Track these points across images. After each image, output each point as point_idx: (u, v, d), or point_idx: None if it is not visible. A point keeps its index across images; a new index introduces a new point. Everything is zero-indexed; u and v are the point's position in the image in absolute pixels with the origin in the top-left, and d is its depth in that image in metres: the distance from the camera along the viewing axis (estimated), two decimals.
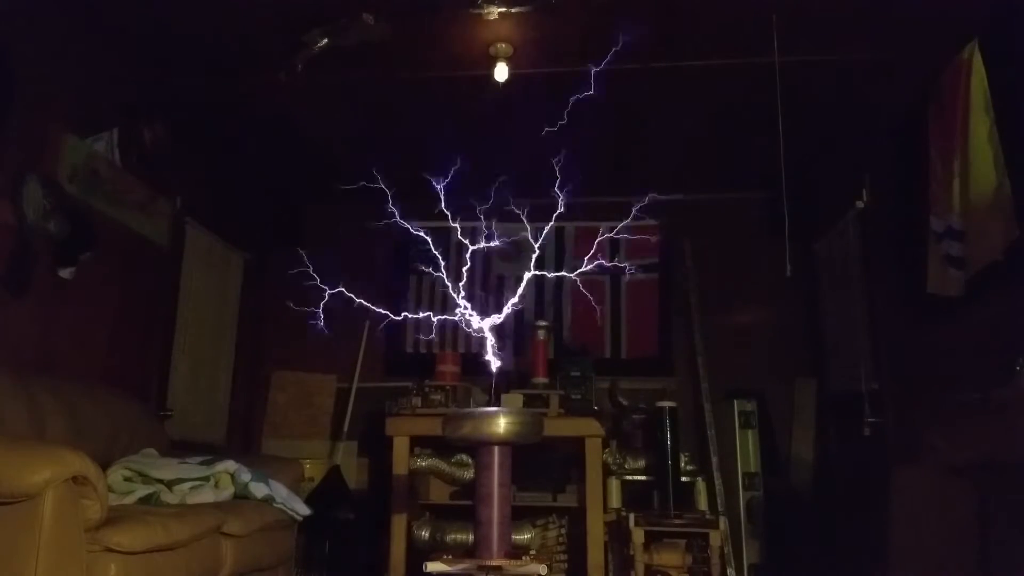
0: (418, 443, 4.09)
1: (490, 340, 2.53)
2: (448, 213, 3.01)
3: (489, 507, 2.29)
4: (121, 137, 3.70)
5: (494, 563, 2.22)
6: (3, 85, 2.97)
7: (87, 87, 3.51)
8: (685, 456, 4.26)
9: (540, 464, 4.10)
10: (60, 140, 3.30)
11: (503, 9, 3.27)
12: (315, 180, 5.30)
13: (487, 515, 2.29)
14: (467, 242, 2.84)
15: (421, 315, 2.73)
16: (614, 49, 2.72)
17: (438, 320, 2.84)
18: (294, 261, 5.60)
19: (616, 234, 5.26)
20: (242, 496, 3.04)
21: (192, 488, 2.88)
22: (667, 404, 4.07)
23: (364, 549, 4.37)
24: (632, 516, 3.70)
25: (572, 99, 3.98)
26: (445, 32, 3.49)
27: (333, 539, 4.28)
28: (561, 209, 2.76)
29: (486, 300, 5.03)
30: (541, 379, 4.20)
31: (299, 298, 5.69)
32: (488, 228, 5.19)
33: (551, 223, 2.90)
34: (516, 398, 3.94)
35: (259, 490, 3.08)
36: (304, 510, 3.33)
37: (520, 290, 2.69)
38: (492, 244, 2.81)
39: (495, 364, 2.53)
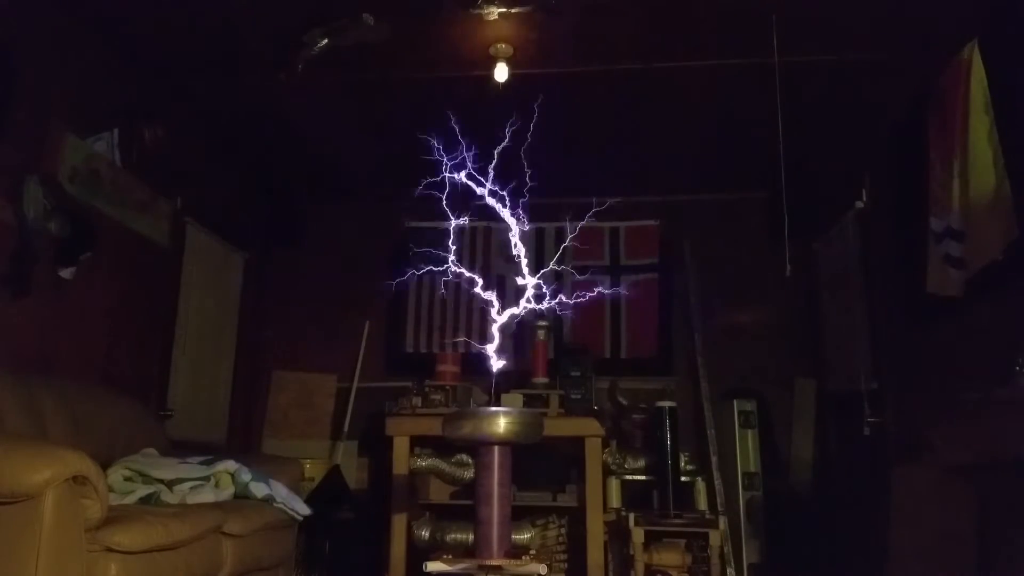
0: (418, 443, 4.09)
1: (494, 342, 2.52)
2: (448, 213, 3.01)
3: (489, 507, 2.29)
4: (121, 137, 3.70)
5: (494, 563, 2.23)
6: (3, 85, 2.97)
7: (87, 87, 3.52)
8: (685, 456, 4.26)
9: (540, 464, 4.10)
10: (60, 140, 3.30)
11: (503, 9, 3.27)
12: (315, 180, 5.30)
13: (487, 515, 2.29)
14: (467, 242, 2.85)
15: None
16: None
17: (438, 321, 2.84)
18: (294, 261, 5.64)
19: (616, 234, 5.31)
20: (242, 496, 3.04)
21: (192, 488, 2.88)
22: (667, 404, 4.07)
23: (364, 549, 4.36)
24: (632, 516, 3.70)
25: (573, 100, 3.99)
26: (445, 32, 3.49)
27: (333, 539, 4.28)
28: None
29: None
30: (541, 379, 4.19)
31: (299, 297, 5.70)
32: (487, 228, 5.20)
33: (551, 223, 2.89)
34: (516, 398, 3.94)
35: (259, 490, 3.08)
36: (304, 510, 3.33)
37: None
38: (491, 244, 2.81)
39: (496, 364, 2.53)
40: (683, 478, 4.11)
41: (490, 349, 2.53)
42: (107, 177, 3.62)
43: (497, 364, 2.52)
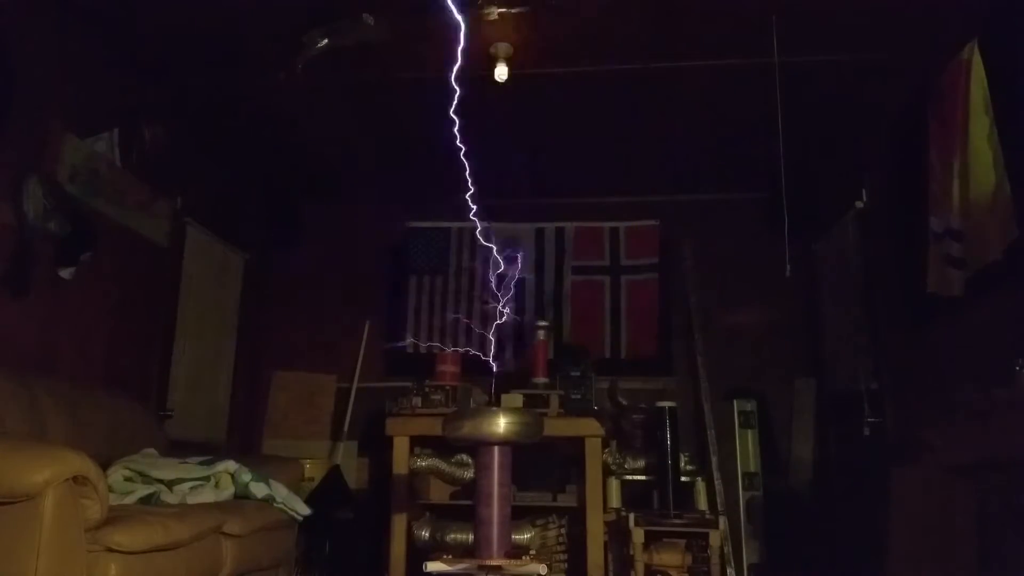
0: (418, 443, 4.09)
1: (493, 343, 2.52)
2: (448, 213, 3.02)
3: (489, 507, 2.29)
4: (121, 137, 3.70)
5: (494, 563, 2.23)
6: (3, 85, 2.97)
7: (87, 87, 3.52)
8: (685, 456, 4.26)
9: (540, 464, 4.10)
10: (60, 140, 3.30)
11: (503, 9, 3.27)
12: (315, 180, 5.30)
13: (487, 515, 2.29)
14: (467, 242, 2.85)
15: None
16: None
17: (438, 320, 2.84)
18: (294, 261, 5.64)
19: (616, 234, 5.31)
20: (242, 496, 3.04)
21: (192, 488, 2.88)
22: (667, 404, 4.07)
23: (364, 549, 4.37)
24: (632, 516, 3.70)
25: (573, 101, 3.98)
26: (445, 32, 3.49)
27: (333, 539, 4.28)
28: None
29: (485, 300, 5.03)
30: (541, 379, 4.19)
31: (299, 298, 5.70)
32: (487, 228, 5.20)
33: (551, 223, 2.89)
34: (516, 398, 3.94)
35: (259, 490, 3.08)
36: (304, 510, 3.33)
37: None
38: (491, 244, 2.81)
39: (496, 364, 2.53)
40: (683, 478, 4.11)
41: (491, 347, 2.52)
42: (107, 177, 3.61)
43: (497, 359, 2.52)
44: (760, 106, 3.71)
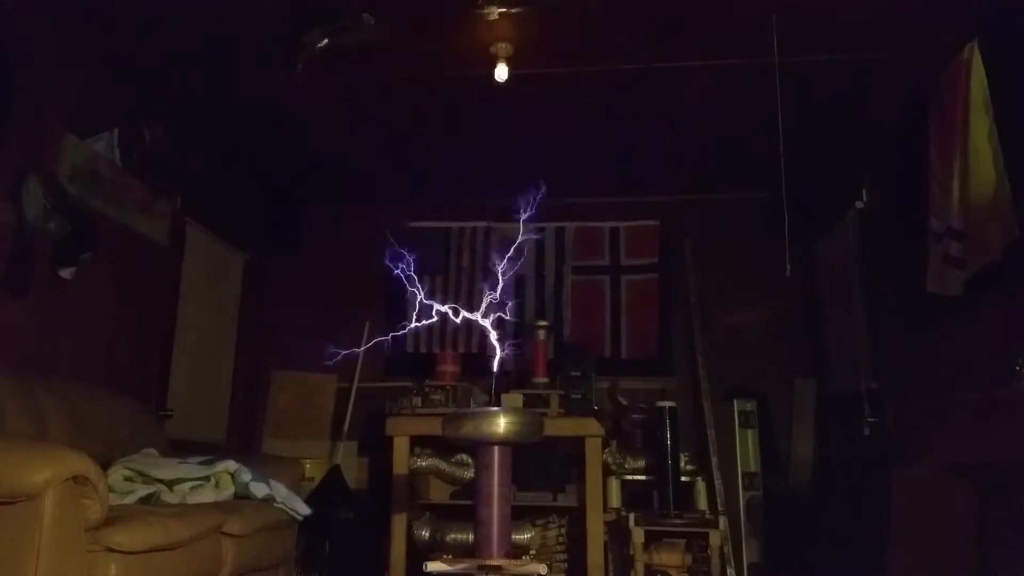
0: (418, 443, 4.09)
1: (494, 338, 2.52)
2: (447, 213, 3.02)
3: (489, 507, 2.29)
4: (121, 137, 3.70)
5: (494, 563, 2.23)
6: (3, 85, 2.97)
7: (87, 87, 3.52)
8: (685, 456, 4.26)
9: (540, 464, 4.10)
10: (60, 140, 3.30)
11: (503, 9, 3.27)
12: (315, 180, 5.30)
13: (487, 515, 2.29)
14: (466, 242, 2.85)
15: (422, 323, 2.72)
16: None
17: (439, 320, 2.83)
18: (294, 261, 5.64)
19: (616, 234, 5.31)
20: (242, 496, 3.05)
21: (192, 488, 2.89)
22: (667, 404, 4.07)
23: (364, 549, 4.37)
24: (632, 516, 3.70)
25: (573, 101, 3.97)
26: (445, 32, 3.49)
27: (333, 539, 4.28)
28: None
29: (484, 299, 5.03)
30: (541, 379, 4.20)
31: (299, 298, 5.69)
32: (487, 228, 5.20)
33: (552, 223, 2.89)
34: (516, 398, 3.94)
35: (259, 490, 3.08)
36: (304, 510, 3.33)
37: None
38: (490, 244, 2.81)
39: (497, 362, 2.53)
40: (683, 478, 4.11)
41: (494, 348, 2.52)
42: (107, 177, 3.62)
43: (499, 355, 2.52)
44: (760, 106, 3.71)
